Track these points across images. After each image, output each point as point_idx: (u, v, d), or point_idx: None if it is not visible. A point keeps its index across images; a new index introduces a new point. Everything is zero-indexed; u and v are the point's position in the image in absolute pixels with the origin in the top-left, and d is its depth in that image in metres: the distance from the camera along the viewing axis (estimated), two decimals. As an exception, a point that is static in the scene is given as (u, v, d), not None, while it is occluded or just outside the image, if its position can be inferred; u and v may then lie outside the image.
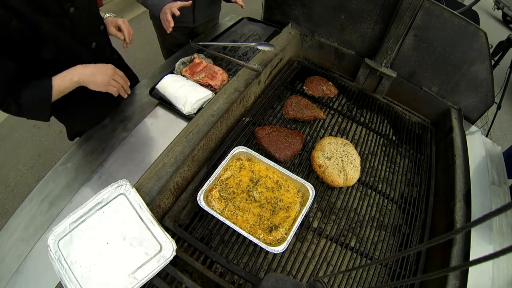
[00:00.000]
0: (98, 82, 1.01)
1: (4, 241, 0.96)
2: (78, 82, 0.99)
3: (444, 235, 0.33)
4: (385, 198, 1.23)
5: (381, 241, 1.10)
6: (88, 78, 0.99)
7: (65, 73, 0.97)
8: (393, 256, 0.43)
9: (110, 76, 1.04)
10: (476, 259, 0.28)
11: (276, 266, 0.96)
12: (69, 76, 0.97)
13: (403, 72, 1.53)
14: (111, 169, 1.14)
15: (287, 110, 1.37)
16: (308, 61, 1.78)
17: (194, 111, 1.32)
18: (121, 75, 1.09)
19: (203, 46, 1.60)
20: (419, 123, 1.59)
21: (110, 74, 1.04)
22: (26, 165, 2.39)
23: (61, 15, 0.94)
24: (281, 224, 0.96)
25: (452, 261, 0.94)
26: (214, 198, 0.99)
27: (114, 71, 1.06)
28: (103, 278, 0.78)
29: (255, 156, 1.09)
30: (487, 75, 1.36)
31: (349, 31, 1.58)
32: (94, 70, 1.01)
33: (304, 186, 1.03)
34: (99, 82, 1.01)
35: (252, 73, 1.35)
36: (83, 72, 0.99)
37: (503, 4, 5.95)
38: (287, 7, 1.69)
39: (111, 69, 1.05)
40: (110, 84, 1.04)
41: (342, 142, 1.24)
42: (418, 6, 1.27)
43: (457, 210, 1.07)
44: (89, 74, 0.99)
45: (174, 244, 0.83)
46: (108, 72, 1.03)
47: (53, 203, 1.04)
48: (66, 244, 0.81)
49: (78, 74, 0.98)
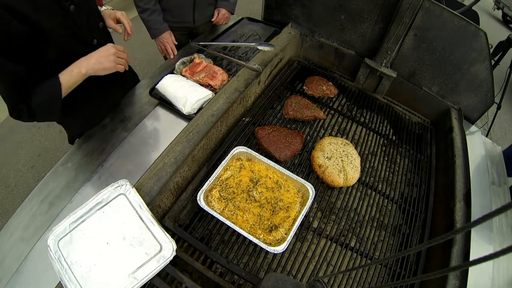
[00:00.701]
0: (106, 67, 1.01)
1: (4, 241, 0.96)
2: (87, 74, 0.99)
3: (444, 235, 0.33)
4: (385, 198, 1.23)
5: (381, 241, 1.10)
6: (95, 66, 0.99)
7: (71, 68, 0.97)
8: (393, 256, 0.43)
9: (114, 56, 1.03)
10: (476, 259, 0.28)
11: (276, 266, 0.96)
12: (76, 69, 0.97)
13: (403, 72, 1.53)
14: (111, 169, 1.14)
15: (287, 110, 1.37)
16: (308, 61, 1.78)
17: (194, 111, 1.32)
18: (122, 49, 1.07)
19: (203, 46, 1.60)
20: (419, 123, 1.59)
21: (113, 53, 1.02)
22: (26, 165, 2.39)
23: (61, 14, 0.94)
24: (281, 224, 0.96)
25: (452, 261, 0.94)
26: (214, 198, 0.99)
27: (115, 49, 1.04)
28: (103, 278, 0.78)
29: (255, 156, 1.09)
30: (487, 75, 1.36)
31: (349, 31, 1.57)
32: (98, 58, 1.00)
33: (304, 186, 1.03)
34: (107, 67, 1.02)
35: (252, 73, 1.35)
36: (89, 63, 0.99)
37: (503, 4, 5.94)
38: (287, 7, 1.69)
39: (112, 48, 1.03)
40: (116, 64, 1.04)
41: (342, 142, 1.24)
42: (418, 6, 1.27)
43: (457, 210, 1.07)
44: (95, 63, 0.99)
45: (174, 244, 0.83)
46: (111, 52, 1.02)
47: (53, 203, 1.04)
48: (66, 244, 0.81)
49: (85, 66, 0.98)
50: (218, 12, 1.77)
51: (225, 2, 1.78)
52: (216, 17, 1.78)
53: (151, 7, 1.56)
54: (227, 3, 1.78)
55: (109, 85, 1.27)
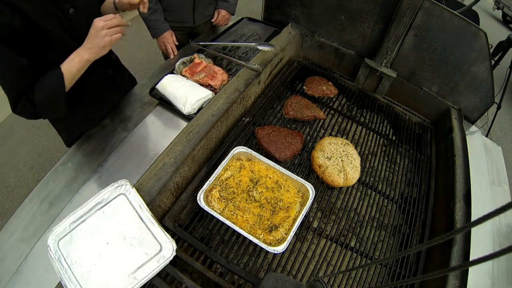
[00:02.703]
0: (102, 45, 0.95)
1: (4, 241, 0.96)
2: (89, 60, 0.97)
3: (444, 235, 0.33)
4: (385, 198, 1.23)
5: (381, 241, 1.10)
6: (93, 50, 0.96)
7: (71, 57, 0.95)
8: (393, 256, 0.43)
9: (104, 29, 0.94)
10: (476, 259, 0.28)
11: (276, 266, 0.96)
12: (78, 58, 0.95)
13: (403, 72, 1.53)
14: (111, 169, 1.14)
15: (287, 110, 1.37)
16: (308, 61, 1.78)
17: (194, 111, 1.32)
18: (110, 17, 0.96)
19: (203, 46, 1.60)
20: (419, 123, 1.59)
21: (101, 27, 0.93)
22: (26, 165, 2.39)
23: (61, 16, 0.94)
24: (281, 224, 0.96)
25: (452, 261, 0.94)
26: (214, 198, 0.99)
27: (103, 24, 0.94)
28: (103, 278, 0.78)
29: (255, 156, 1.09)
30: (487, 75, 1.36)
31: (349, 31, 1.57)
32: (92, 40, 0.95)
33: (304, 186, 1.03)
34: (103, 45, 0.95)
35: (252, 73, 1.35)
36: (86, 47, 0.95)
37: (503, 4, 5.95)
38: (287, 7, 1.69)
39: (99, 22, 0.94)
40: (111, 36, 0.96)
41: (342, 142, 1.24)
42: (418, 6, 1.27)
43: (457, 210, 1.07)
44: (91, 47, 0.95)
45: (174, 244, 0.83)
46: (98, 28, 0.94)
47: (53, 203, 1.04)
48: (66, 244, 0.81)
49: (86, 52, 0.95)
50: (218, 13, 1.78)
51: (225, 3, 1.78)
52: (216, 18, 1.78)
53: (152, 6, 1.56)
54: (227, 4, 1.78)
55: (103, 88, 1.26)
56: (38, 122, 2.64)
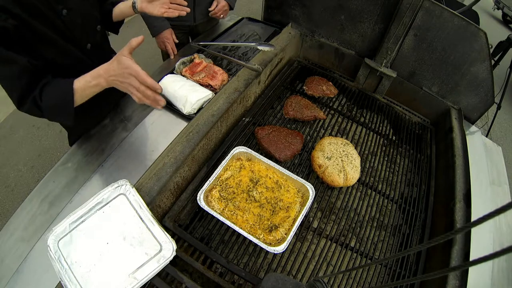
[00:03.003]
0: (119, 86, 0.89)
1: (4, 241, 0.96)
2: (105, 87, 0.92)
3: (444, 235, 0.33)
4: (385, 198, 1.23)
5: (381, 241, 1.10)
6: (115, 83, 0.89)
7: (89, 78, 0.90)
8: (393, 256, 0.43)
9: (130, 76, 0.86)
10: (476, 259, 0.28)
11: (276, 266, 0.96)
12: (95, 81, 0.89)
13: (403, 72, 1.53)
14: (111, 169, 1.14)
15: (287, 110, 1.37)
16: (308, 61, 1.78)
17: (194, 111, 1.32)
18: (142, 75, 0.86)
19: (203, 46, 1.60)
20: (419, 123, 1.59)
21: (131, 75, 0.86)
22: (26, 165, 2.39)
23: (54, 17, 0.93)
24: (281, 224, 0.96)
25: (452, 261, 0.94)
26: (214, 198, 0.99)
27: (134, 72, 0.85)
28: (103, 278, 0.78)
29: (255, 156, 1.09)
30: (487, 75, 1.36)
31: (349, 31, 1.57)
32: (115, 75, 0.87)
33: (304, 186, 1.03)
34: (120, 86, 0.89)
35: (252, 73, 1.35)
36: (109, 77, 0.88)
37: (503, 4, 5.95)
38: (287, 7, 1.69)
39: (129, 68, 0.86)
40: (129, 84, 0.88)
41: (342, 142, 1.24)
42: (418, 6, 1.27)
43: (457, 210, 1.07)
44: (115, 79, 0.88)
45: (174, 244, 0.83)
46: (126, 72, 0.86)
47: (53, 203, 1.04)
48: (66, 244, 0.81)
49: (106, 82, 0.89)
50: (218, 3, 1.72)
51: None
52: (215, 7, 1.72)
53: None
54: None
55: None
56: (38, 122, 2.64)
